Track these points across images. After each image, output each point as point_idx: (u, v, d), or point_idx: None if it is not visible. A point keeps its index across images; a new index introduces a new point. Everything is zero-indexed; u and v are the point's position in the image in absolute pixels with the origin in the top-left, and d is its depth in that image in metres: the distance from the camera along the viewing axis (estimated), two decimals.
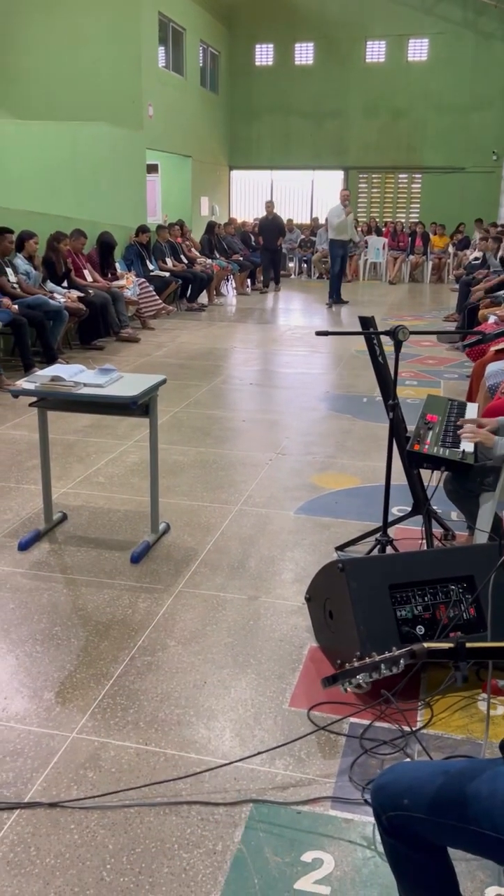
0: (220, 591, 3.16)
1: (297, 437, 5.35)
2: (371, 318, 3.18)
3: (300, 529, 3.78)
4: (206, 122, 17.78)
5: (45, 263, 8.21)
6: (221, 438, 5.30)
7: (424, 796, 1.36)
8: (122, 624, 2.91)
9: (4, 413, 5.75)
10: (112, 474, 4.53)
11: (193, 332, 9.76)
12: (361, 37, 18.46)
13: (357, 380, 7.05)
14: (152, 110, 14.11)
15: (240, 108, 19.41)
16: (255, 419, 5.81)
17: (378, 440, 5.20)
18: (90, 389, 3.35)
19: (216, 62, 18.55)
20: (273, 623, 2.93)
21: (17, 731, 2.32)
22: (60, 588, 3.18)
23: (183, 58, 16.11)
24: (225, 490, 4.29)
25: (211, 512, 3.98)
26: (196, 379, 7.01)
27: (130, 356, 8.03)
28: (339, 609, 2.56)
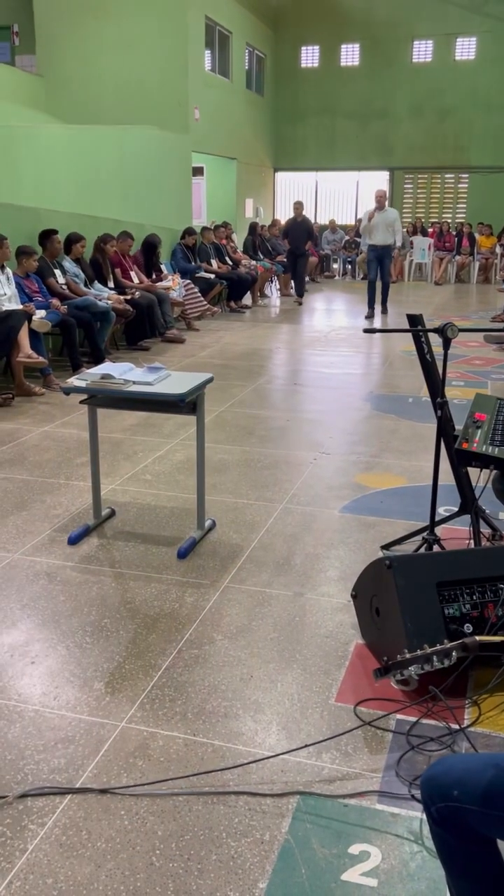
0: (265, 588, 3.18)
1: (342, 436, 5.34)
2: (419, 315, 3.18)
3: (345, 528, 3.79)
4: (252, 124, 17.85)
5: (92, 265, 8.33)
6: (265, 438, 5.33)
7: (475, 788, 1.36)
8: (169, 617, 2.95)
9: (53, 412, 5.86)
10: (159, 472, 4.58)
11: (237, 332, 9.81)
12: (408, 37, 18.34)
13: (402, 380, 7.02)
14: (198, 113, 14.21)
15: (285, 110, 19.44)
16: (299, 419, 5.82)
17: (424, 440, 5.17)
18: (139, 387, 3.40)
19: (262, 65, 18.61)
20: (318, 619, 2.95)
21: (69, 719, 2.37)
22: (109, 581, 3.23)
23: (229, 61, 16.20)
24: (269, 488, 4.31)
25: (256, 510, 4.00)
26: (240, 379, 7.05)
27: (175, 357, 8.10)
28: (386, 606, 2.56)
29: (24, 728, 2.33)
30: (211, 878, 1.82)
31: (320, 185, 20.27)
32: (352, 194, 20.09)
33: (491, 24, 17.79)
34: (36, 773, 2.14)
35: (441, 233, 16.64)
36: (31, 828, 1.97)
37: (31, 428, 5.45)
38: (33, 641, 2.79)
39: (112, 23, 13.69)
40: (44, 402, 6.15)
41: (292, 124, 19.48)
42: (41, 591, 3.15)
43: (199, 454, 3.61)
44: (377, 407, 6.16)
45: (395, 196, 19.65)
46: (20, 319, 6.29)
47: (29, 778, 2.13)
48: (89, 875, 1.83)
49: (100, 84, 13.77)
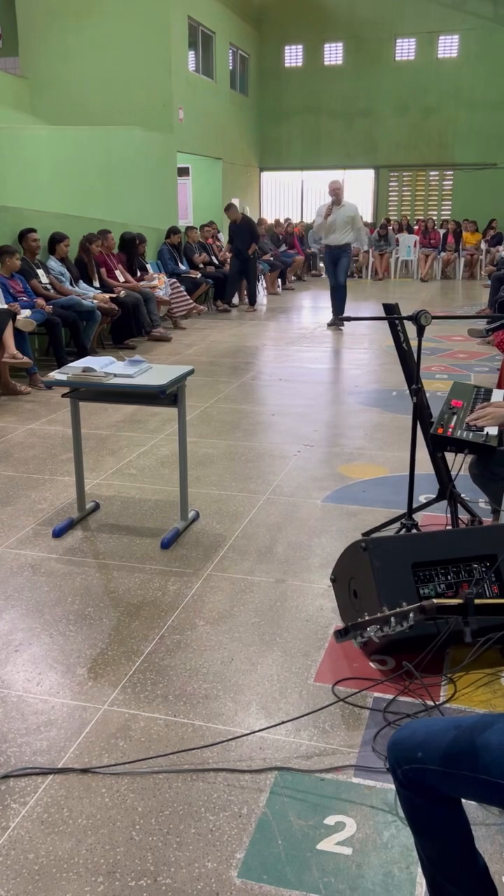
0: (247, 575, 3.23)
1: (326, 429, 5.39)
2: (395, 304, 3.23)
3: (327, 517, 3.83)
4: (237, 124, 17.91)
5: (77, 264, 8.37)
6: (250, 432, 5.37)
7: (438, 749, 1.41)
8: (152, 605, 2.99)
9: (39, 409, 5.88)
10: (143, 466, 4.62)
11: (224, 330, 9.85)
12: (391, 35, 18.45)
13: (387, 374, 7.08)
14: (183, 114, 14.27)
15: (270, 109, 19.52)
16: (284, 413, 5.87)
17: (406, 432, 5.21)
18: (120, 379, 3.44)
19: (246, 64, 18.67)
20: (299, 604, 2.99)
21: (52, 703, 2.41)
22: (93, 572, 3.27)
23: (213, 61, 16.26)
24: (253, 480, 4.35)
25: (239, 501, 4.05)
26: (226, 375, 7.10)
27: (162, 354, 8.13)
28: (363, 588, 2.60)
29: (7, 713, 2.36)
30: (189, 850, 1.86)
31: (306, 183, 20.36)
32: None
33: (473, 22, 17.91)
34: (19, 755, 2.18)
35: (426, 230, 16.73)
36: (14, 807, 2.00)
37: (17, 426, 5.48)
38: (17, 630, 2.82)
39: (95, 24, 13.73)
40: (29, 401, 6.18)
41: (277, 124, 19.56)
42: (25, 582, 3.18)
43: (182, 445, 3.65)
44: (362, 401, 6.21)
45: (381, 193, 19.76)
46: (5, 319, 6.32)
47: (12, 760, 2.16)
48: (70, 850, 1.87)
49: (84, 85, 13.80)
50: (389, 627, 1.34)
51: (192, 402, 5.86)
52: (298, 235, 16.79)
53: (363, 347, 8.58)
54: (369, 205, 19.89)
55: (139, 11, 13.52)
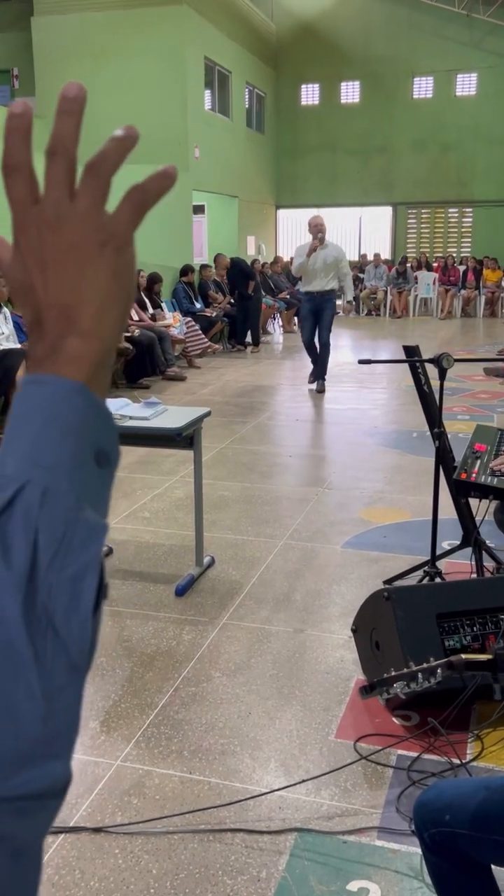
0: (265, 624, 3.21)
1: (345, 471, 5.40)
2: (416, 347, 3.26)
3: (347, 563, 3.82)
4: (253, 162, 18.26)
5: None
6: (267, 474, 5.39)
7: (466, 812, 1.39)
8: (166, 655, 2.98)
9: None
10: (157, 509, 4.64)
11: (240, 369, 9.94)
12: (408, 73, 18.84)
13: (407, 415, 7.09)
14: (198, 152, 14.57)
15: (286, 147, 19.90)
16: (302, 454, 5.88)
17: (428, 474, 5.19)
18: (136, 422, 3.47)
19: (262, 103, 19.10)
20: (319, 655, 2.97)
21: None
22: (106, 620, 3.26)
23: (229, 100, 16.65)
24: (270, 524, 4.36)
25: (256, 546, 4.05)
26: (241, 416, 7.14)
27: (176, 394, 8.20)
28: (385, 639, 2.59)
29: None
30: None
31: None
32: (354, 230, 20.44)
33: (492, 60, 18.27)
34: None
35: (446, 267, 16.89)
36: None
37: None
38: None
39: (111, 65, 14.13)
40: None
41: (293, 161, 19.92)
42: None
43: (197, 489, 3.67)
44: (381, 442, 6.22)
45: (399, 230, 19.99)
46: (18, 358, 6.41)
47: None
48: None
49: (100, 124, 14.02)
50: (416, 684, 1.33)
51: (207, 442, 5.87)
52: None
53: (381, 387, 8.62)
54: (387, 242, 20.11)
55: (156, 52, 13.91)
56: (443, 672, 1.29)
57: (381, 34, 18.63)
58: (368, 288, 16.91)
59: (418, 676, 1.30)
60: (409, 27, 18.43)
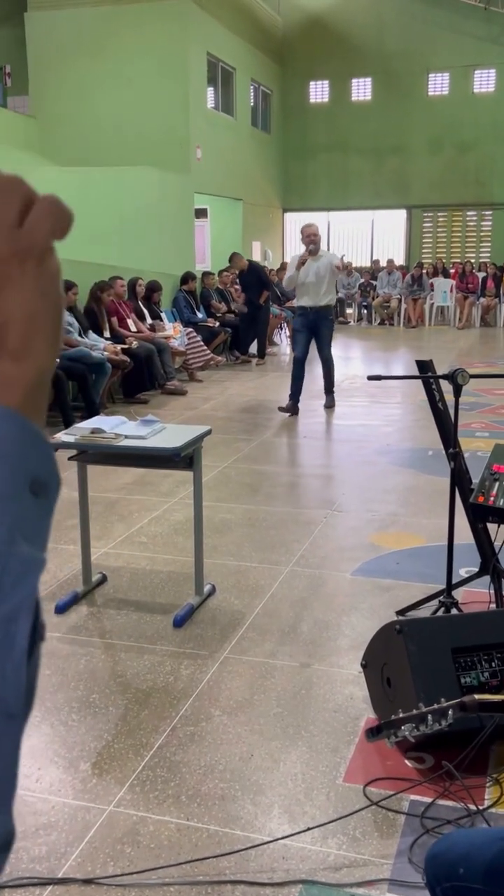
0: (269, 658, 3.21)
1: (355, 493, 5.40)
2: (429, 361, 3.27)
3: (357, 592, 3.81)
4: (258, 163, 18.40)
5: (87, 314, 8.55)
6: (272, 495, 5.39)
7: (482, 864, 1.38)
8: (163, 692, 2.97)
9: None
10: (155, 533, 4.64)
11: (244, 383, 9.97)
12: (423, 69, 19.00)
13: (422, 431, 7.09)
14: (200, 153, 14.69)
15: (294, 147, 20.05)
16: (309, 474, 5.89)
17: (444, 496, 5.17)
18: (132, 441, 3.49)
19: (268, 101, 19.28)
20: (327, 692, 2.96)
21: (52, 803, 2.39)
22: (99, 653, 3.26)
23: (233, 98, 16.81)
24: (275, 550, 4.35)
25: (260, 573, 4.04)
26: (245, 433, 7.15)
27: (176, 409, 8.23)
28: (397, 675, 2.58)
29: None
30: None
31: (333, 225, 20.75)
32: (367, 235, 20.55)
33: None
34: (14, 862, 2.15)
35: (463, 273, 16.94)
36: None
37: None
38: None
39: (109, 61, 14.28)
40: None
41: (302, 162, 20.07)
42: None
43: (197, 513, 3.68)
44: (394, 461, 6.22)
45: (414, 235, 20.08)
46: None
47: (7, 868, 2.13)
48: None
49: (96, 124, 14.29)
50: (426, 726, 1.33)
51: (209, 461, 5.89)
52: None
53: (395, 402, 8.63)
54: (401, 247, 20.21)
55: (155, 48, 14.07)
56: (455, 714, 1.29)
57: (395, 28, 18.82)
58: (381, 296, 16.97)
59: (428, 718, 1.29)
60: (423, 20, 18.61)
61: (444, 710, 1.27)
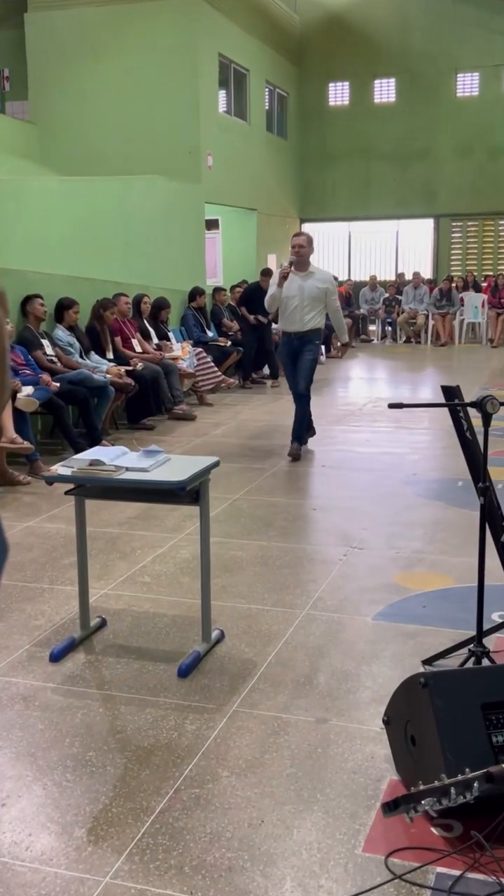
0: (282, 713, 3.17)
1: (378, 528, 5.37)
2: (456, 387, 3.25)
3: (380, 639, 3.78)
4: (274, 170, 18.56)
5: (89, 333, 8.60)
6: (287, 530, 5.37)
7: None
8: (166, 749, 2.94)
9: (39, 504, 5.96)
10: (159, 573, 4.63)
11: (257, 407, 9.98)
12: (450, 69, 19.15)
13: (450, 460, 7.06)
14: (212, 160, 14.84)
15: (312, 153, 20.22)
16: (328, 507, 5.86)
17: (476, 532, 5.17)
18: (133, 474, 3.48)
19: (284, 104, 19.47)
20: (345, 751, 2.92)
21: (43, 873, 2.36)
22: (96, 706, 3.24)
23: (246, 101, 17.00)
24: (290, 591, 4.33)
25: (273, 617, 4.02)
26: (259, 461, 7.14)
27: (184, 436, 8.24)
28: (422, 733, 2.54)
29: None
30: None
31: (354, 236, 20.87)
32: (391, 246, 20.64)
33: None
34: None
35: (496, 287, 16.95)
36: None
37: (13, 523, 5.54)
38: (4, 779, 2.79)
39: (114, 64, 14.49)
40: (29, 493, 6.27)
41: (320, 169, 20.22)
42: (16, 717, 3.16)
43: (204, 550, 3.66)
44: (421, 492, 6.19)
45: (442, 246, 20.14)
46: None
47: None
48: None
49: (100, 131, 14.47)
50: (449, 799, 1.30)
51: (219, 493, 5.89)
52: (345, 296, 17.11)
53: (422, 427, 8.61)
54: (428, 259, 20.27)
55: (163, 48, 14.26)
56: (481, 786, 1.26)
57: (420, 25, 19.02)
58: (407, 312, 17.01)
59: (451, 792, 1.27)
60: (451, 17, 18.79)
61: (469, 781, 1.25)
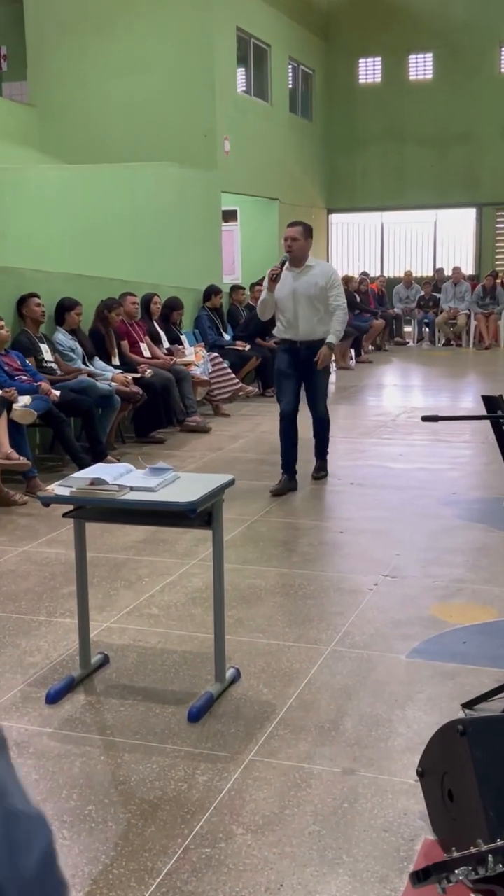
0: (304, 762, 3.15)
1: (413, 553, 5.34)
2: (498, 397, 3.23)
3: (415, 679, 3.75)
4: (298, 156, 18.62)
5: (92, 337, 8.63)
6: (311, 556, 5.35)
7: None
8: (174, 803, 2.93)
9: (37, 526, 5.97)
10: (168, 604, 4.62)
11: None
12: (493, 43, 19.15)
13: (494, 477, 7.02)
14: (229, 145, 14.91)
15: (340, 136, 20.26)
16: (357, 530, 5.84)
17: None
18: (138, 494, 3.47)
19: (310, 83, 19.55)
20: (375, 807, 2.90)
21: None
22: (97, 754, 3.23)
23: (268, 80, 17.08)
24: (314, 625, 4.31)
25: (295, 654, 4.00)
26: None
27: (198, 451, 8.24)
28: (460, 788, 2.51)
29: None
30: None
31: (387, 228, 20.87)
32: (428, 238, 20.62)
33: None
34: None
35: None
36: None
37: (7, 548, 5.55)
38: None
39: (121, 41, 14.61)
40: (25, 514, 6.28)
41: (350, 154, 20.26)
42: None
43: (217, 579, 3.66)
44: (461, 514, 6.16)
45: (485, 238, 20.10)
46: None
47: None
48: None
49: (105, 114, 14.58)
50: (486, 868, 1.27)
51: (235, 514, 5.88)
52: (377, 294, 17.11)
53: (462, 441, 8.57)
54: (470, 253, 20.24)
55: (175, 23, 14.37)
56: None
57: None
58: (446, 311, 16.96)
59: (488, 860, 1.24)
60: None
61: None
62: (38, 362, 7.70)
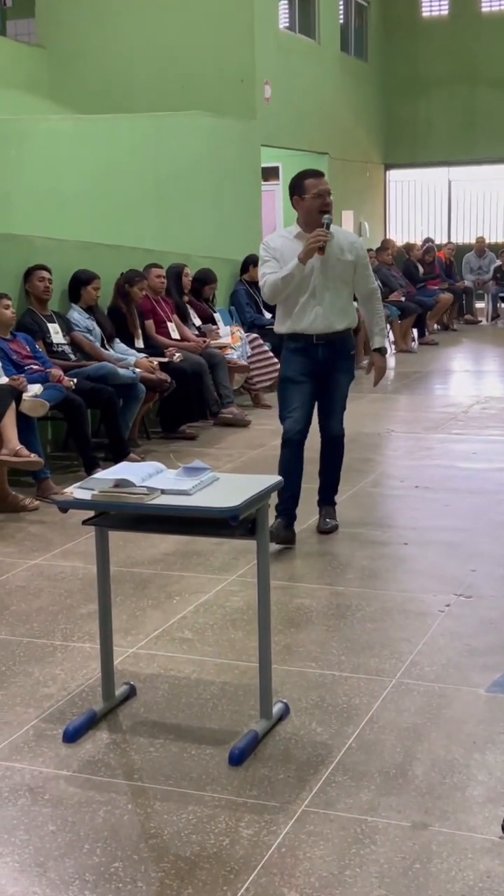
0: (367, 814, 3.13)
1: (491, 569, 5.32)
2: None
3: (496, 717, 3.72)
4: (350, 102, 18.56)
5: (112, 315, 8.64)
6: (370, 571, 5.34)
7: None
8: (214, 861, 2.91)
9: (50, 535, 5.99)
10: (204, 626, 4.62)
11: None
12: None
13: None
14: (270, 91, 14.89)
15: (400, 79, 20.19)
16: (424, 541, 5.81)
17: None
18: (171, 498, 3.46)
19: (364, 17, 19.49)
20: (452, 867, 2.87)
21: None
22: (123, 802, 3.23)
23: (315, 14, 17.04)
24: (375, 653, 4.29)
25: (353, 687, 3.98)
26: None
27: (235, 447, 8.22)
28: None
29: None
30: None
31: (455, 186, 20.75)
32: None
33: None
34: None
35: None
36: None
37: (16, 560, 5.58)
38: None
39: None
40: (36, 521, 6.31)
41: (411, 100, 20.18)
42: (20, 816, 3.16)
43: (262, 599, 3.64)
44: None
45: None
46: (4, 399, 6.53)
47: None
48: None
49: (125, 56, 14.61)
50: None
51: None
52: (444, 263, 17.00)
53: None
54: None
55: None
56: None
57: None
58: None
59: None
60: None
61: None
62: (48, 346, 7.72)
